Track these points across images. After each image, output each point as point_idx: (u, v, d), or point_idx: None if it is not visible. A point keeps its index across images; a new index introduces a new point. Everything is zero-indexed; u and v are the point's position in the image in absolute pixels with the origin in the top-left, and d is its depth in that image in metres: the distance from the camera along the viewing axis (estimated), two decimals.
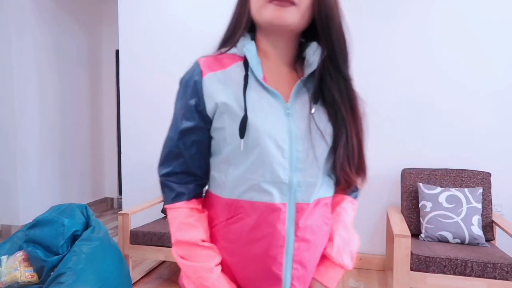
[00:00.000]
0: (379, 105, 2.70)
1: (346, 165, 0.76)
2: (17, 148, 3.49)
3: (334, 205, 0.85)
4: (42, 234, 1.97)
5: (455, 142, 2.60)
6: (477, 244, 2.17)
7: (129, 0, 3.18)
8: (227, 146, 0.73)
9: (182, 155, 0.77)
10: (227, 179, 0.74)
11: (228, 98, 0.71)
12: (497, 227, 2.27)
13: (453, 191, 2.28)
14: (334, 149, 0.75)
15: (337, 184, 0.82)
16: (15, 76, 3.43)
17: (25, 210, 3.54)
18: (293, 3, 0.68)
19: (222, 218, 0.75)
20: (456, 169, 2.45)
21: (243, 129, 0.69)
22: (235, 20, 0.78)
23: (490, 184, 2.37)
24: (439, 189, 2.32)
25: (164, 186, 0.80)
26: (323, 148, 0.74)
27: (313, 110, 0.74)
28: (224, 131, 0.72)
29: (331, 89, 0.75)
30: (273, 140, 0.70)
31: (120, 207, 4.58)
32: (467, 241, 2.17)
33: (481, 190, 2.29)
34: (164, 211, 2.85)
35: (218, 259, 0.75)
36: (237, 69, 0.75)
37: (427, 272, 1.97)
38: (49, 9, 3.79)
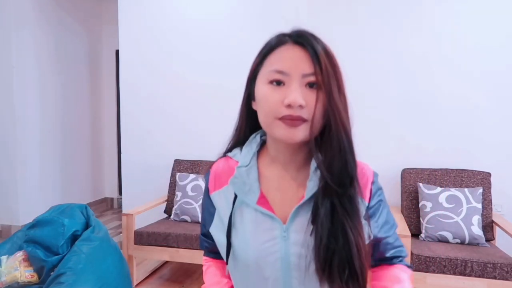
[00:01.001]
0: (379, 105, 2.70)
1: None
2: (17, 148, 3.49)
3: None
4: (42, 234, 1.97)
5: (455, 142, 2.60)
6: (477, 244, 2.17)
7: (129, 0, 3.19)
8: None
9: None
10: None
11: (220, 219, 0.74)
12: (497, 227, 2.27)
13: (453, 191, 2.28)
14: None
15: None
16: (15, 76, 3.43)
17: (25, 210, 3.54)
18: (304, 120, 0.64)
19: None
20: (456, 169, 2.45)
21: (227, 256, 0.72)
22: (243, 121, 0.76)
23: (490, 184, 2.37)
24: (439, 189, 2.32)
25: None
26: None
27: (312, 232, 0.66)
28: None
29: (337, 211, 0.65)
30: (260, 269, 0.68)
31: (120, 207, 4.58)
32: (467, 241, 2.17)
33: (481, 190, 2.29)
34: (166, 211, 2.85)
35: None
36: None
37: (427, 272, 1.97)
38: (49, 9, 3.79)
